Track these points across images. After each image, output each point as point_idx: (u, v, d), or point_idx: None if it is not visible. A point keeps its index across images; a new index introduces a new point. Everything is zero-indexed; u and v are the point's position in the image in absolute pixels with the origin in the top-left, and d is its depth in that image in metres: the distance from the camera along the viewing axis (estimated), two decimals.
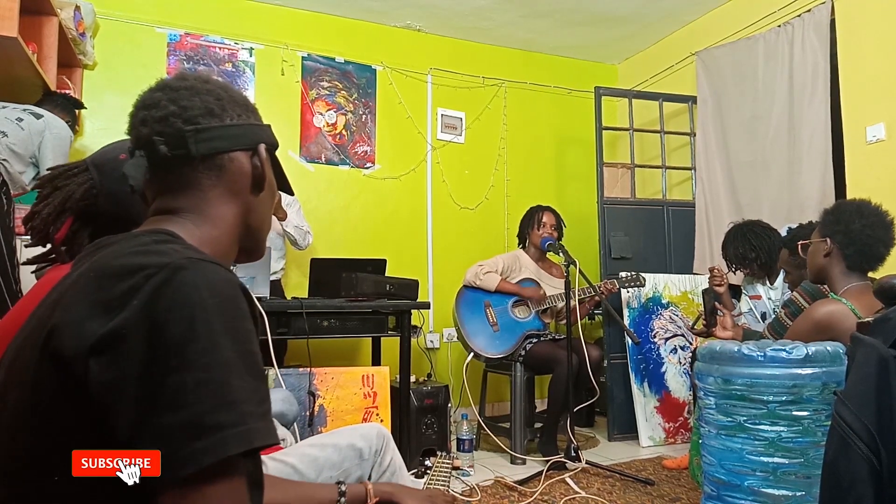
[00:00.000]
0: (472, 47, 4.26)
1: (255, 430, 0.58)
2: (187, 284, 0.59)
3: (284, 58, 3.73)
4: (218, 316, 0.59)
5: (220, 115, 0.77)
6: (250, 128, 0.80)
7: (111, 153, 1.05)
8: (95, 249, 0.71)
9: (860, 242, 1.76)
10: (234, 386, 0.57)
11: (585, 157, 4.22)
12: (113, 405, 0.56)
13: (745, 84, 3.48)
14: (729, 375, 1.68)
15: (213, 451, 0.54)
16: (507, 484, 2.50)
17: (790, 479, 1.59)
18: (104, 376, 0.56)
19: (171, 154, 0.74)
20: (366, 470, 1.19)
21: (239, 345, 0.59)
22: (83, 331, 0.58)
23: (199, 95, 0.76)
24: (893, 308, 0.99)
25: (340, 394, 2.54)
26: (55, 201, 0.98)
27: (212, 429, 0.55)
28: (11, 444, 0.61)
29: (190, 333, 0.57)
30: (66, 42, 2.92)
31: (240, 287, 0.64)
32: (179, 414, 0.55)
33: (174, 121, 0.74)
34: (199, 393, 0.55)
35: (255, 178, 0.80)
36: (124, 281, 0.60)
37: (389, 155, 3.97)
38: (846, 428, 0.91)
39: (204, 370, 0.56)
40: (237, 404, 0.57)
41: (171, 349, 0.56)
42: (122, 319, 0.57)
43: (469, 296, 3.23)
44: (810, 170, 3.06)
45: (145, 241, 0.68)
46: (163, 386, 0.55)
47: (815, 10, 3.12)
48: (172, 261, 0.61)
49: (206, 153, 0.76)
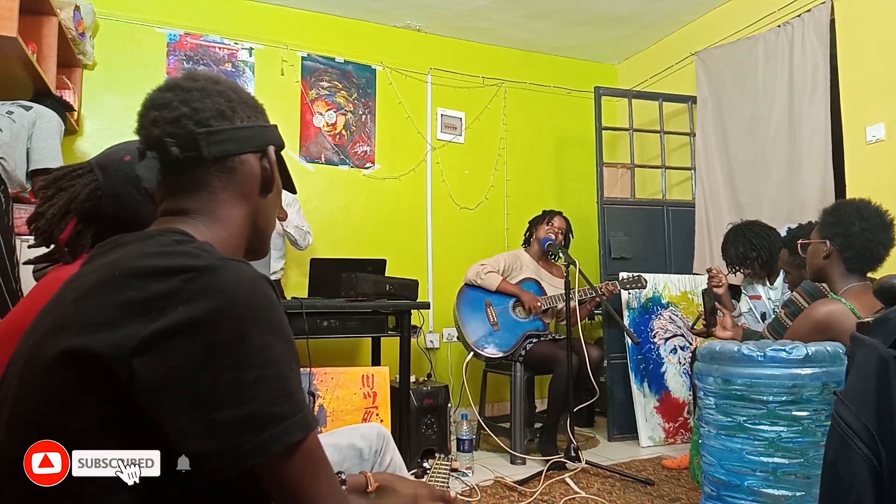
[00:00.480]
0: (472, 47, 4.26)
1: (310, 416, 0.63)
2: (228, 284, 0.61)
3: (284, 58, 3.73)
4: (262, 313, 0.62)
5: (231, 117, 0.78)
6: (260, 130, 0.81)
7: (115, 155, 1.05)
8: (109, 249, 0.72)
9: (860, 245, 1.75)
10: (288, 377, 0.62)
11: (585, 157, 4.22)
12: (160, 402, 0.58)
13: (745, 84, 3.48)
14: (729, 375, 1.68)
15: (280, 438, 0.60)
16: (507, 484, 2.50)
17: (790, 479, 1.59)
18: (152, 377, 0.58)
19: (183, 156, 0.75)
20: (365, 470, 1.19)
21: (284, 339, 0.64)
22: (120, 333, 0.59)
23: (210, 97, 0.77)
24: (893, 308, 0.99)
25: (340, 394, 2.54)
26: (60, 202, 0.98)
27: (277, 419, 0.60)
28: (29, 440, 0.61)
29: (240, 332, 0.60)
30: (66, 42, 2.92)
31: (268, 280, 0.66)
32: (243, 408, 0.58)
33: (186, 122, 0.74)
34: (259, 388, 0.60)
35: (264, 179, 0.81)
36: (159, 282, 0.61)
37: (389, 155, 3.97)
38: (846, 428, 0.91)
39: (261, 367, 0.60)
40: (293, 394, 0.62)
41: (225, 348, 0.59)
42: (169, 322, 0.59)
43: (470, 294, 3.23)
44: (810, 170, 3.06)
45: (165, 241, 0.69)
46: (220, 384, 0.58)
47: (814, 10, 3.12)
48: (209, 262, 0.63)
49: (217, 155, 0.76)
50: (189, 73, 0.82)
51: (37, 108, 2.47)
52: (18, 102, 2.46)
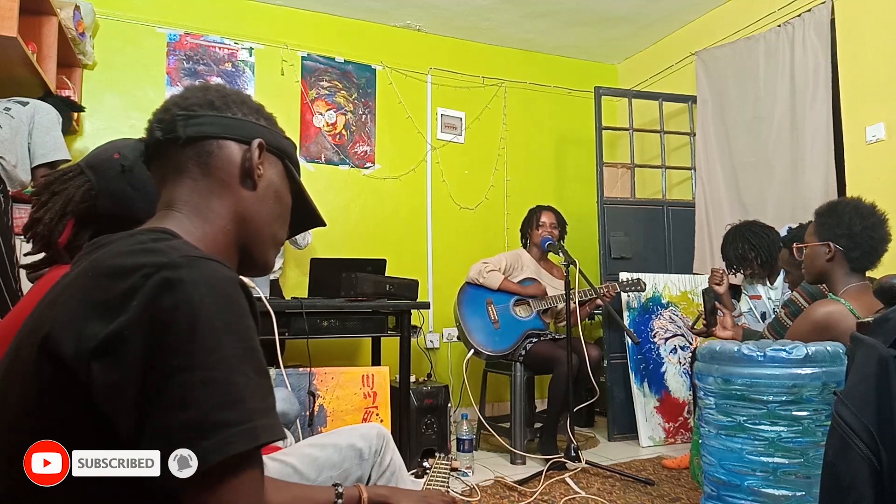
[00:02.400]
0: (471, 47, 4.26)
1: (261, 427, 0.58)
2: (186, 282, 0.58)
3: (284, 58, 3.73)
4: (218, 314, 0.59)
5: (220, 107, 0.78)
6: (250, 124, 0.80)
7: (104, 154, 1.05)
8: (94, 249, 0.71)
9: (865, 245, 1.76)
10: (239, 383, 0.58)
11: (585, 157, 4.22)
12: (116, 407, 0.56)
13: (746, 84, 3.48)
14: (729, 375, 1.68)
15: (220, 449, 0.55)
16: (507, 484, 2.50)
17: (790, 479, 1.59)
18: (107, 379, 0.56)
19: (164, 138, 0.76)
20: (366, 470, 1.19)
21: (241, 342, 0.59)
22: (83, 333, 0.58)
23: (206, 91, 0.79)
24: (893, 308, 0.99)
25: (340, 394, 2.54)
26: (55, 206, 0.98)
27: (218, 427, 0.55)
28: (12, 442, 0.61)
29: (191, 333, 0.57)
30: (66, 42, 2.92)
31: (239, 284, 0.63)
32: (186, 413, 0.55)
33: (172, 108, 0.77)
34: (205, 392, 0.56)
35: (243, 168, 0.78)
36: (122, 281, 0.59)
37: (389, 155, 3.97)
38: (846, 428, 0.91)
39: (208, 369, 0.56)
40: (242, 402, 0.57)
41: (174, 349, 0.56)
42: (124, 321, 0.57)
43: (471, 293, 3.23)
44: (814, 170, 3.06)
45: (142, 239, 0.68)
46: (167, 386, 0.55)
47: (815, 10, 3.12)
48: (170, 259, 0.60)
49: (193, 135, 0.76)
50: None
51: (34, 102, 2.45)
52: (15, 99, 2.44)
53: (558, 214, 3.39)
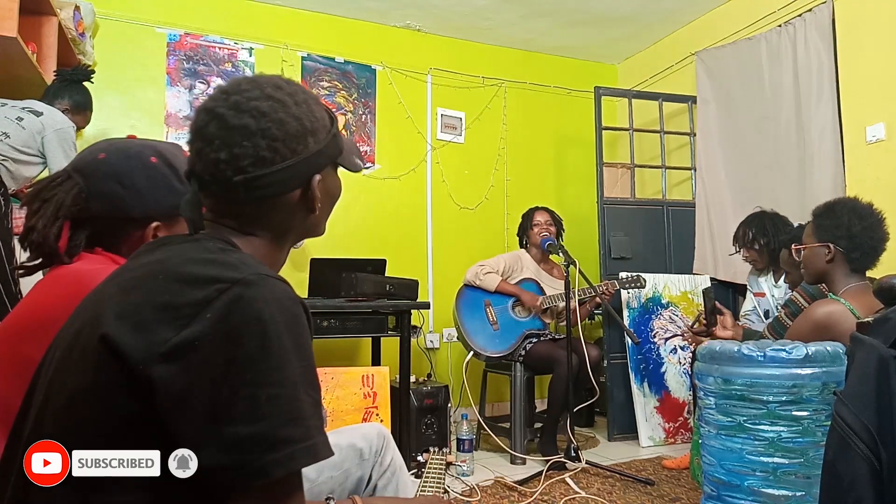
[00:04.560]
0: (471, 47, 4.26)
1: (320, 445, 0.61)
2: (258, 300, 0.61)
3: (284, 58, 3.73)
4: (287, 332, 0.61)
5: (271, 159, 0.74)
6: (303, 163, 0.77)
7: (89, 156, 1.04)
8: (155, 248, 0.73)
9: (865, 245, 1.77)
10: (302, 401, 0.61)
11: (585, 157, 4.22)
12: (179, 412, 0.58)
13: (750, 84, 3.47)
14: (729, 375, 1.68)
15: (284, 464, 0.58)
16: (507, 484, 2.50)
17: (790, 479, 1.59)
18: (174, 384, 0.58)
19: (223, 196, 0.76)
20: (366, 470, 1.19)
21: (304, 360, 0.63)
22: (152, 336, 0.60)
23: (252, 138, 0.73)
24: (893, 308, 0.99)
25: (340, 394, 2.54)
26: (47, 212, 0.98)
27: (284, 443, 0.58)
28: (68, 429, 0.63)
29: (263, 349, 0.59)
30: (66, 42, 2.92)
31: (300, 303, 0.66)
32: (255, 426, 0.57)
33: (224, 168, 0.73)
34: (272, 407, 0.58)
35: (306, 207, 0.80)
36: (195, 291, 0.62)
37: (389, 155, 3.97)
38: (846, 428, 0.91)
39: (276, 385, 0.59)
40: (305, 419, 0.60)
41: (246, 364, 0.59)
42: (197, 331, 0.59)
43: (469, 295, 3.23)
44: (821, 169, 3.05)
45: (210, 247, 0.70)
46: (237, 398, 0.58)
47: (816, 10, 3.12)
48: (244, 276, 0.63)
49: (254, 200, 0.76)
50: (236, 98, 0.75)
51: (46, 112, 2.41)
52: (30, 107, 2.40)
53: (552, 213, 3.39)
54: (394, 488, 1.20)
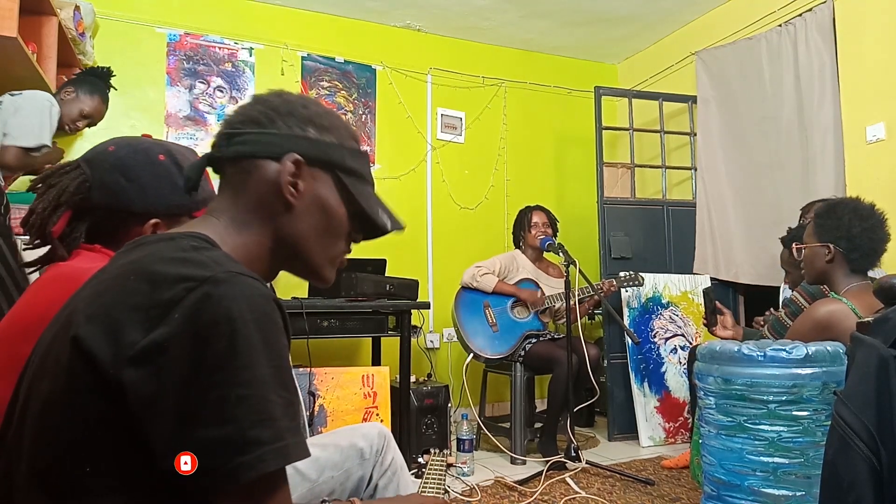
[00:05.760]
0: (472, 47, 4.26)
1: (292, 446, 0.59)
2: (227, 299, 0.60)
3: (284, 58, 3.72)
4: (257, 330, 0.60)
5: (263, 123, 0.77)
6: (290, 139, 0.76)
7: (100, 147, 1.07)
8: (133, 248, 0.72)
9: (865, 247, 1.77)
10: (272, 401, 0.59)
11: (585, 156, 4.22)
12: (150, 415, 0.57)
13: (751, 84, 3.47)
14: (729, 375, 1.68)
15: (254, 466, 0.56)
16: (507, 484, 2.51)
17: (790, 479, 1.59)
18: (143, 387, 0.57)
19: (213, 155, 0.79)
20: (367, 470, 1.19)
21: (275, 360, 0.61)
22: (121, 339, 0.59)
23: (260, 104, 0.79)
24: (893, 308, 0.99)
25: (340, 394, 2.54)
26: (49, 197, 1.00)
27: (253, 444, 0.57)
28: (41, 434, 0.62)
29: (231, 349, 0.58)
30: (66, 42, 2.92)
31: (274, 301, 0.65)
32: (223, 428, 0.56)
33: (223, 125, 0.79)
34: (241, 408, 0.57)
35: (278, 187, 0.76)
36: (164, 291, 0.60)
37: (389, 155, 3.97)
38: (846, 428, 0.91)
39: (245, 386, 0.58)
40: (275, 420, 0.59)
41: (214, 364, 0.57)
42: (165, 333, 0.58)
43: (468, 297, 3.23)
44: (824, 169, 3.04)
45: (184, 245, 0.68)
46: (205, 400, 0.56)
47: (816, 10, 3.12)
48: (213, 274, 0.61)
49: (230, 156, 0.77)
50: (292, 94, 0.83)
51: (27, 92, 2.38)
52: (11, 92, 2.39)
53: (549, 213, 3.38)
54: (395, 488, 1.20)
